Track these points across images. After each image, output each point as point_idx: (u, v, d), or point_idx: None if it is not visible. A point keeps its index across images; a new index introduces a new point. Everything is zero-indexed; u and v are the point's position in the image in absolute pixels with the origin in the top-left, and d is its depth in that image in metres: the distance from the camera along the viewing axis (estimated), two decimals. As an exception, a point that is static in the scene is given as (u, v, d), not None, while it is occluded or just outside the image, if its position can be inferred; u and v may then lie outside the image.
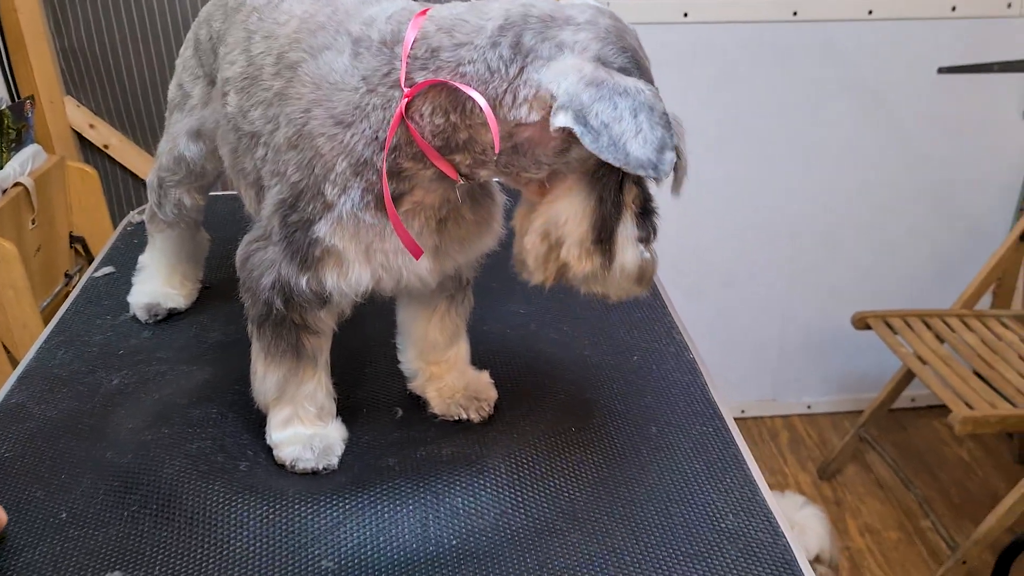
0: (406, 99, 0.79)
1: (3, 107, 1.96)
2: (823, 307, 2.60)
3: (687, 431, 1.00)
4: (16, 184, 1.90)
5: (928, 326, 2.32)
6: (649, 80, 0.78)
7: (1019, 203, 2.56)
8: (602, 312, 1.22)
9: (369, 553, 0.84)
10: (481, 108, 0.76)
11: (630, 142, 0.72)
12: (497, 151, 0.77)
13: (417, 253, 0.85)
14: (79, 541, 0.85)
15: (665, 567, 0.82)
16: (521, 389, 1.06)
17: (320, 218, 0.84)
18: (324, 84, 0.84)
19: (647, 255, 0.80)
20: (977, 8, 2.36)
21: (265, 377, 0.93)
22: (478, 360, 1.08)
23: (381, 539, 0.86)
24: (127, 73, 2.22)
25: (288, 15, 0.91)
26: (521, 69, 0.76)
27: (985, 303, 2.61)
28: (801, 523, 1.97)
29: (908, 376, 2.32)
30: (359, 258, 0.85)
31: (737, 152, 2.46)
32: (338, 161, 0.82)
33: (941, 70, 2.43)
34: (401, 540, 0.86)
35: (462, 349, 1.04)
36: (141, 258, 1.22)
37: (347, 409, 1.01)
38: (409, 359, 1.03)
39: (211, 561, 0.83)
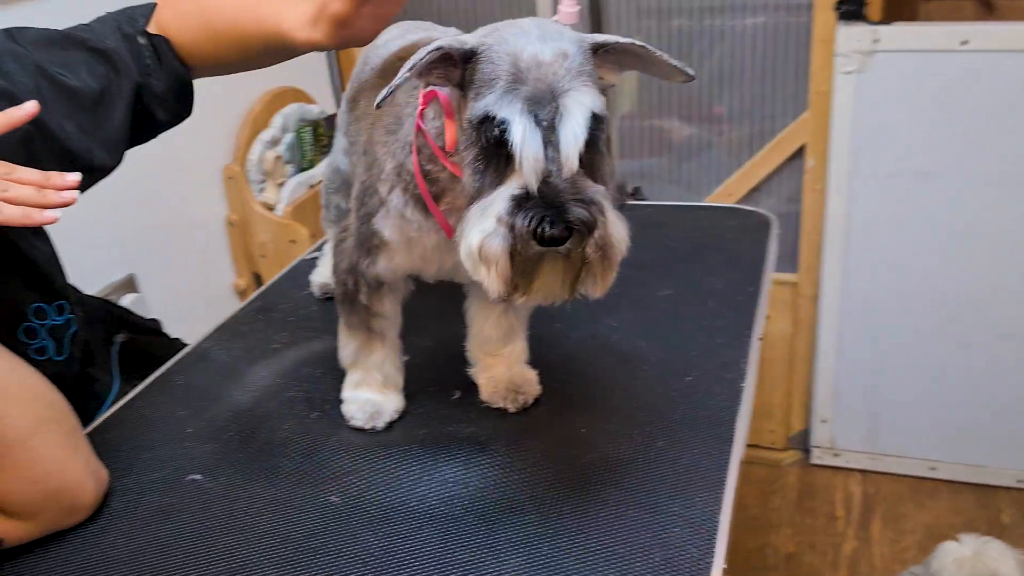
0: (421, 107, 0.96)
1: (322, 118, 2.42)
2: (1125, 376, 2.25)
3: (690, 450, 1.05)
4: (320, 182, 2.33)
5: None
6: (517, 71, 0.82)
7: None
8: (689, 334, 1.27)
9: (367, 497, 1.02)
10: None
11: None
12: (450, 144, 0.90)
13: (449, 232, 0.99)
14: (187, 449, 1.14)
15: (590, 557, 0.91)
16: (567, 391, 1.17)
17: (377, 212, 1.04)
18: (385, 103, 1.04)
19: (494, 236, 0.80)
20: None
21: (345, 345, 1.16)
22: (548, 360, 1.21)
23: (380, 489, 1.03)
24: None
25: (388, 51, 1.13)
26: None
27: None
28: (981, 550, 1.76)
29: None
30: (402, 248, 1.04)
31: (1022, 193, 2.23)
32: (387, 164, 1.02)
33: None
34: (395, 493, 1.03)
35: (517, 347, 1.18)
36: (324, 246, 1.51)
37: (418, 384, 1.20)
38: (471, 349, 1.19)
39: (259, 478, 1.07)
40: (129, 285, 2.09)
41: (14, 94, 1.03)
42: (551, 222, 0.78)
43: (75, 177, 0.96)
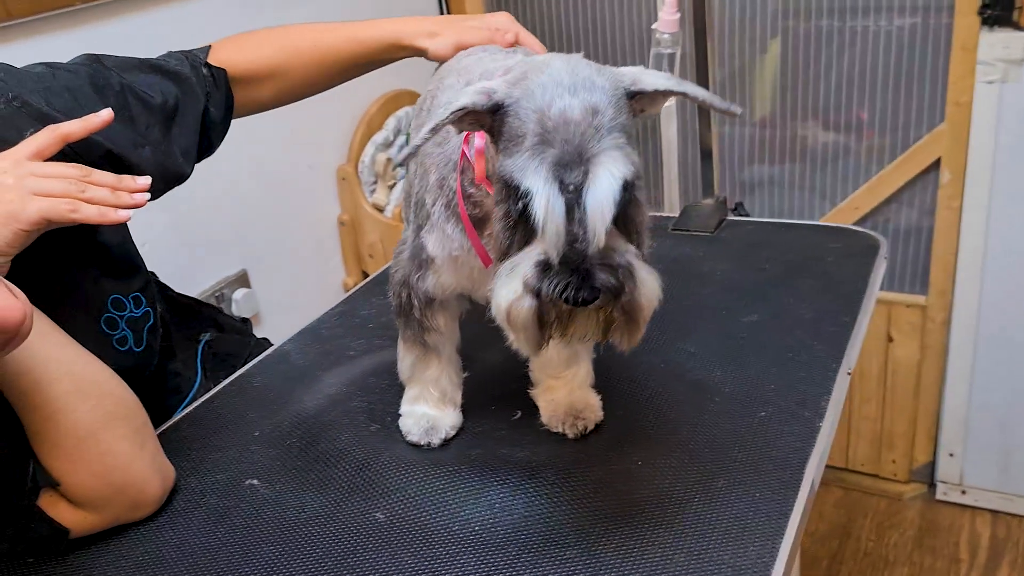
0: (466, 134, 0.94)
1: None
2: None
3: (751, 494, 0.98)
4: (430, 186, 2.34)
5: None
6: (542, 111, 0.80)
7: None
8: (769, 365, 1.20)
9: (411, 517, 1.01)
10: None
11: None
12: (477, 177, 0.88)
13: (487, 261, 0.98)
14: (251, 453, 1.16)
15: (625, 604, 0.86)
16: (629, 419, 1.12)
17: (425, 224, 1.02)
18: (437, 112, 1.03)
19: (521, 301, 0.79)
20: None
21: (403, 359, 1.15)
22: (615, 385, 1.17)
23: (425, 509, 1.02)
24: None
25: (450, 68, 1.12)
26: None
27: None
28: None
29: None
30: (447, 266, 1.02)
31: None
32: (432, 175, 1.00)
33: None
34: (439, 514, 1.01)
35: (581, 371, 1.13)
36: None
37: (481, 400, 1.18)
38: (533, 369, 1.16)
39: (312, 488, 1.08)
40: (242, 280, 2.16)
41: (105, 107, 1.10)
42: (576, 289, 0.78)
43: (145, 180, 1.01)
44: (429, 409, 1.14)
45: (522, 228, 0.81)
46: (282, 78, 1.31)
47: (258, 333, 2.05)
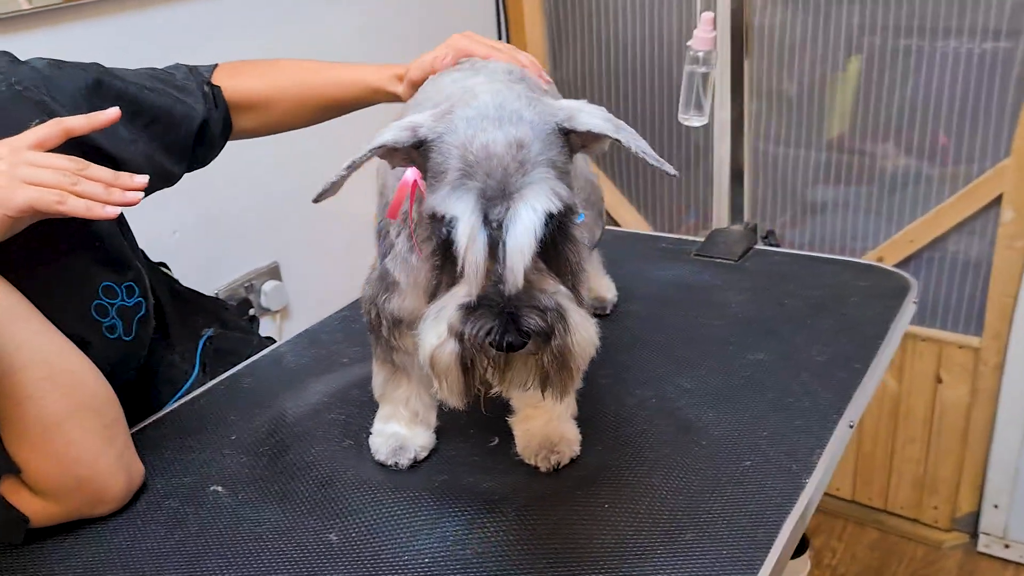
0: None
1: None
2: None
3: (718, 550, 0.91)
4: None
5: None
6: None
7: None
8: (765, 410, 1.13)
9: (363, 542, 0.97)
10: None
11: None
12: (411, 214, 0.84)
13: None
14: (223, 458, 1.14)
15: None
16: (605, 457, 1.07)
17: (388, 253, 1.00)
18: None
19: (444, 346, 0.76)
20: None
21: (375, 375, 1.12)
22: (599, 418, 1.12)
23: (379, 535, 0.98)
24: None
25: (423, 88, 1.09)
26: None
27: None
28: None
29: None
30: (410, 291, 0.99)
31: None
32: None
33: None
34: (392, 542, 0.97)
35: (561, 402, 1.08)
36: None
37: (461, 423, 1.14)
38: (513, 397, 1.11)
39: (272, 501, 1.05)
40: (273, 272, 2.16)
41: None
42: (502, 333, 0.73)
43: (143, 179, 1.01)
44: (400, 428, 1.10)
45: (449, 268, 0.78)
46: (266, 111, 1.34)
47: (287, 327, 2.06)
